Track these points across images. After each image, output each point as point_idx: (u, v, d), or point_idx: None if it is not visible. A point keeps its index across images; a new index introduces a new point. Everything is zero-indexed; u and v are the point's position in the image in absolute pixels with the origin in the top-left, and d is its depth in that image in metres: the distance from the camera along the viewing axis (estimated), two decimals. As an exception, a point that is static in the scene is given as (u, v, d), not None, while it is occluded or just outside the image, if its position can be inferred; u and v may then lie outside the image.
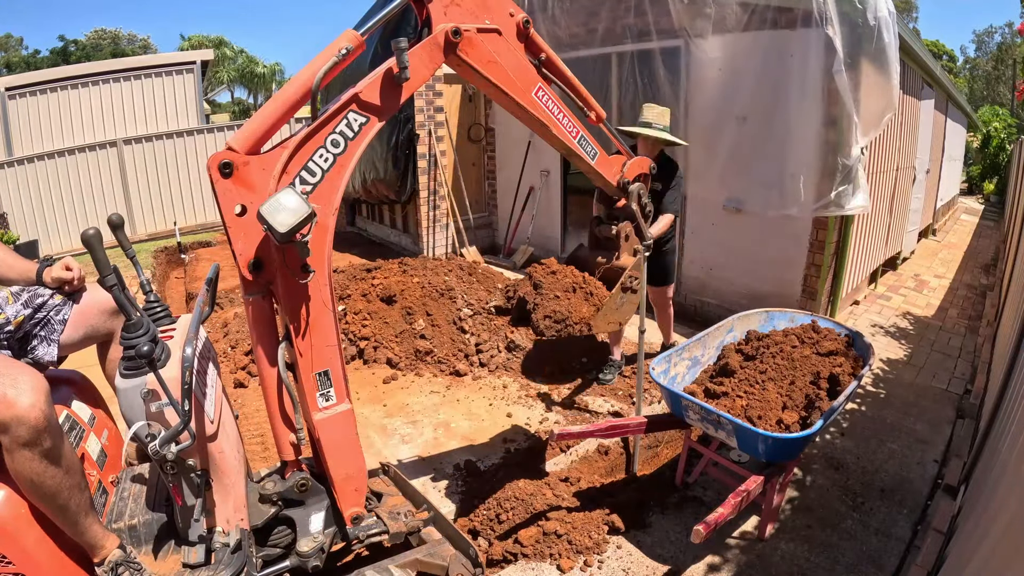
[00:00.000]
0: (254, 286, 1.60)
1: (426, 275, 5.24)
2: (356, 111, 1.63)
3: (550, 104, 2.07)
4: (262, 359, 1.70)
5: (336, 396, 1.74)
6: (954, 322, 5.47)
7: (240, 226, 1.51)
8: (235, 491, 1.72)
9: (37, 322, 1.74)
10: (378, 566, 1.87)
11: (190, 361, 1.41)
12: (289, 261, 1.55)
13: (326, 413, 1.74)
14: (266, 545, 1.87)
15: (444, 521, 2.12)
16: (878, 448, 3.27)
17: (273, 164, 1.52)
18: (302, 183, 1.57)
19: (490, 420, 3.66)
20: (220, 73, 28.72)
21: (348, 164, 1.63)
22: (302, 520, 1.87)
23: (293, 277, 1.56)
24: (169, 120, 10.83)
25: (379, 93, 1.66)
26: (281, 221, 1.36)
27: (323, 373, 1.71)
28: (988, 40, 38.58)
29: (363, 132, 1.65)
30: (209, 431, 1.62)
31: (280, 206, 1.38)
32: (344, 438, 1.79)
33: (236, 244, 1.52)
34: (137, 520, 1.68)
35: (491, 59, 1.87)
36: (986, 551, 1.54)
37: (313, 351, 1.67)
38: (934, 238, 9.55)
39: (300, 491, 1.83)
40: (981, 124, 17.53)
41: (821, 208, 4.26)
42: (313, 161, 1.58)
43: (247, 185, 1.49)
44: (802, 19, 4.11)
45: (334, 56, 1.55)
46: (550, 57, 2.06)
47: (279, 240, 1.40)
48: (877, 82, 3.96)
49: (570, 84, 2.18)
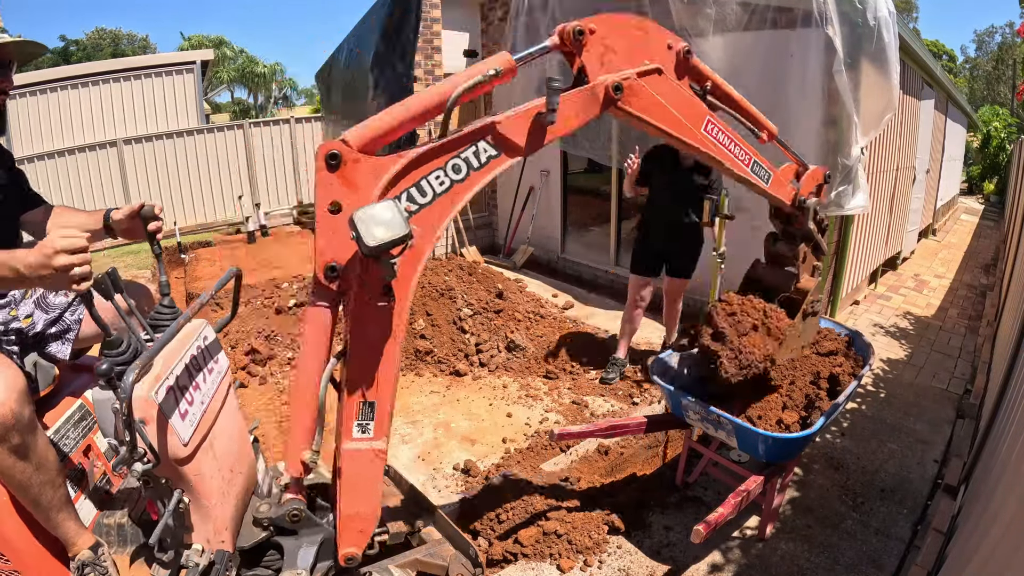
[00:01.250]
0: (325, 292, 1.46)
1: (426, 275, 5.24)
2: (488, 142, 1.50)
3: (720, 136, 1.95)
4: (304, 370, 1.56)
5: (375, 431, 1.60)
6: (954, 322, 5.47)
7: (329, 223, 1.38)
8: (217, 513, 1.62)
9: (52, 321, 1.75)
10: (378, 566, 1.86)
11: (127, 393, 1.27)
12: (370, 278, 1.41)
13: (357, 445, 1.60)
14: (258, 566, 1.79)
15: (444, 521, 2.11)
16: (878, 448, 3.27)
17: (384, 170, 1.39)
18: (408, 200, 1.43)
19: (490, 420, 3.66)
20: (220, 73, 28.72)
21: (464, 195, 1.49)
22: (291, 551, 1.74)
23: (370, 297, 1.43)
24: (169, 120, 10.83)
25: (520, 129, 1.53)
26: (372, 233, 1.24)
27: (369, 404, 1.57)
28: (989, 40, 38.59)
29: (490, 166, 1.51)
30: (180, 454, 1.49)
31: (377, 218, 1.25)
32: (367, 476, 1.65)
33: (319, 241, 1.41)
34: (126, 520, 1.68)
35: (654, 102, 1.74)
36: (986, 551, 1.54)
37: (366, 380, 1.54)
38: (934, 238, 9.55)
39: (292, 521, 1.69)
40: (981, 124, 17.54)
41: (821, 208, 4.26)
42: (427, 180, 1.45)
43: (350, 183, 1.37)
44: (802, 19, 4.11)
45: (480, 75, 1.44)
46: (716, 83, 1.95)
47: (365, 253, 1.29)
48: (877, 82, 3.96)
49: (739, 107, 2.08)
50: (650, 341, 4.91)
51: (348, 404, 1.56)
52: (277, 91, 34.09)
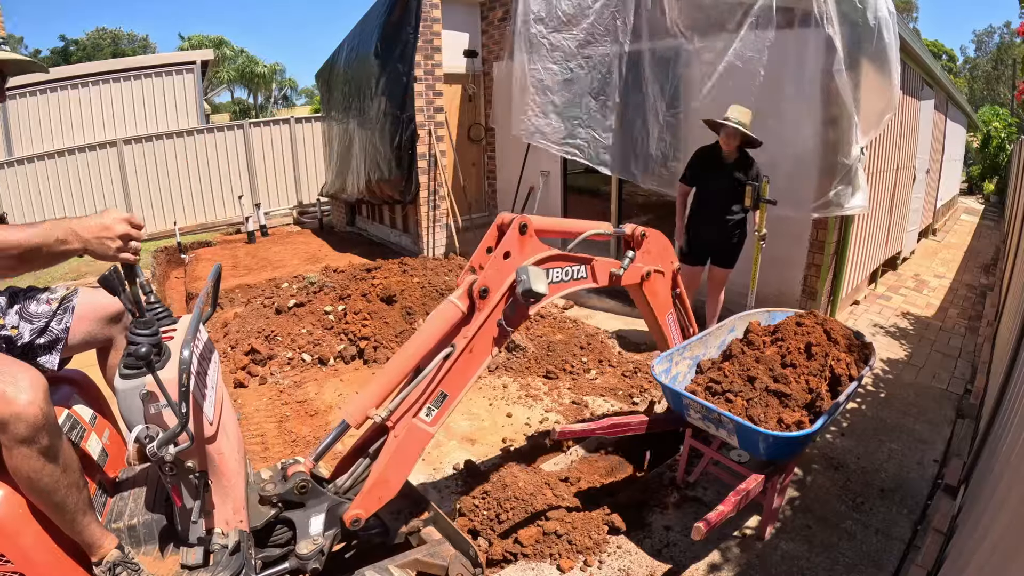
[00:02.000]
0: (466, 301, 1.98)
1: (426, 275, 5.24)
2: (583, 270, 2.34)
3: (672, 325, 2.91)
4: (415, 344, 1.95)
5: (435, 417, 1.94)
6: (954, 322, 5.47)
7: (499, 263, 2.01)
8: (234, 493, 1.71)
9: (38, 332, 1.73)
10: (378, 566, 1.86)
11: (187, 363, 1.40)
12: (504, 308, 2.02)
13: (418, 423, 1.90)
14: (266, 546, 1.86)
15: (444, 521, 2.11)
16: (878, 448, 3.27)
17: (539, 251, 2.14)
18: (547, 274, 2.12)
19: (490, 420, 3.66)
20: (220, 73, 28.72)
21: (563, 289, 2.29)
22: (302, 522, 1.86)
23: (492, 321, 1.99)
24: (169, 120, 10.84)
25: (602, 274, 2.43)
26: (539, 283, 1.92)
27: (443, 395, 1.93)
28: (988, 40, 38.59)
29: (577, 282, 2.33)
30: (208, 433, 1.61)
31: (540, 276, 1.96)
32: (412, 452, 1.93)
33: (488, 271, 1.98)
34: (136, 520, 1.68)
35: (655, 290, 2.73)
36: (986, 551, 1.54)
37: (454, 375, 1.95)
38: (934, 238, 9.55)
39: (300, 492, 1.80)
40: (981, 124, 17.54)
41: (821, 208, 4.26)
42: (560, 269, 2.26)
43: (523, 247, 2.08)
44: (802, 19, 4.11)
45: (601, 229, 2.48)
46: (682, 293, 2.89)
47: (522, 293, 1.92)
48: (877, 82, 3.97)
49: (686, 311, 2.97)
50: (650, 341, 4.91)
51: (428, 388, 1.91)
52: (277, 91, 34.10)
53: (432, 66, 6.88)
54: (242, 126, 11.04)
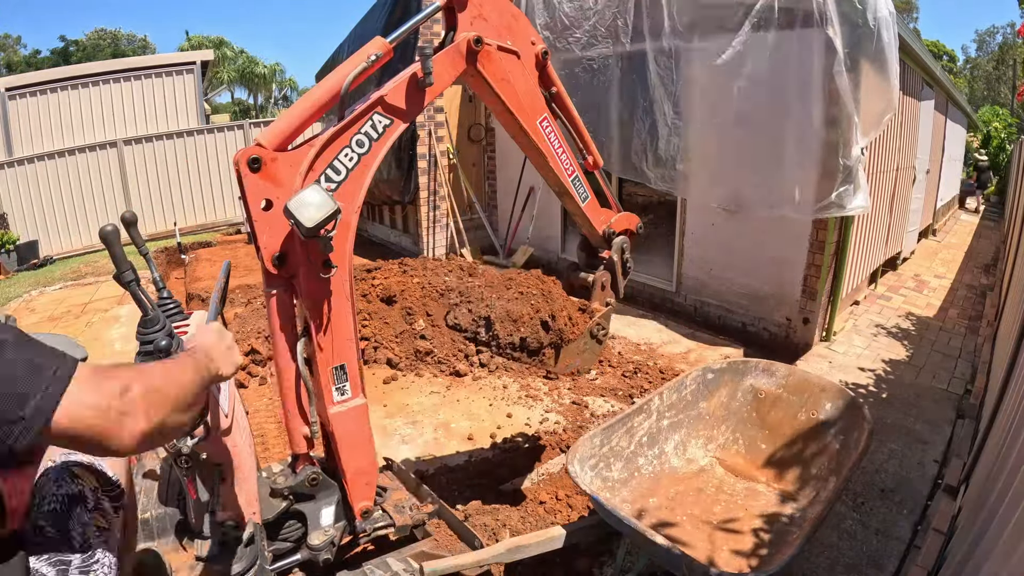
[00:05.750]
0: (276, 280, 1.64)
1: (426, 275, 5.24)
2: (381, 113, 1.70)
3: (552, 136, 2.13)
4: (280, 353, 1.73)
5: (351, 390, 1.79)
6: (954, 322, 5.47)
7: (265, 220, 1.56)
8: (247, 485, 1.73)
9: None
10: (385, 559, 1.89)
11: None
12: (312, 256, 1.59)
13: (341, 407, 1.78)
14: (277, 539, 1.89)
15: (449, 514, 2.13)
16: (878, 448, 3.27)
17: (300, 161, 1.57)
18: (327, 181, 1.62)
19: (490, 420, 3.66)
20: (220, 73, 28.72)
21: (372, 164, 1.71)
22: (313, 514, 1.88)
23: (315, 272, 1.61)
24: (169, 120, 10.83)
25: (404, 96, 1.74)
26: (308, 216, 1.41)
27: (340, 367, 1.75)
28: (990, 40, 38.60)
29: (387, 133, 1.73)
30: (224, 425, 1.63)
31: (307, 202, 1.43)
32: (358, 432, 1.83)
33: (261, 238, 1.57)
34: (150, 514, 1.70)
35: (505, 78, 1.95)
36: (986, 551, 1.54)
37: (332, 345, 1.72)
38: (934, 238, 9.55)
39: (311, 485, 1.84)
40: (981, 124, 17.53)
41: (821, 208, 4.26)
42: (339, 160, 1.64)
43: (274, 180, 1.55)
44: (802, 19, 4.11)
45: (363, 62, 1.62)
46: (560, 93, 2.13)
47: (305, 235, 1.45)
48: (877, 82, 3.96)
49: (575, 124, 2.23)
50: (650, 341, 4.91)
51: (322, 373, 1.73)
52: (277, 91, 34.10)
53: (432, 66, 6.88)
54: (242, 126, 11.04)
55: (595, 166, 2.33)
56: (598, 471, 2.25)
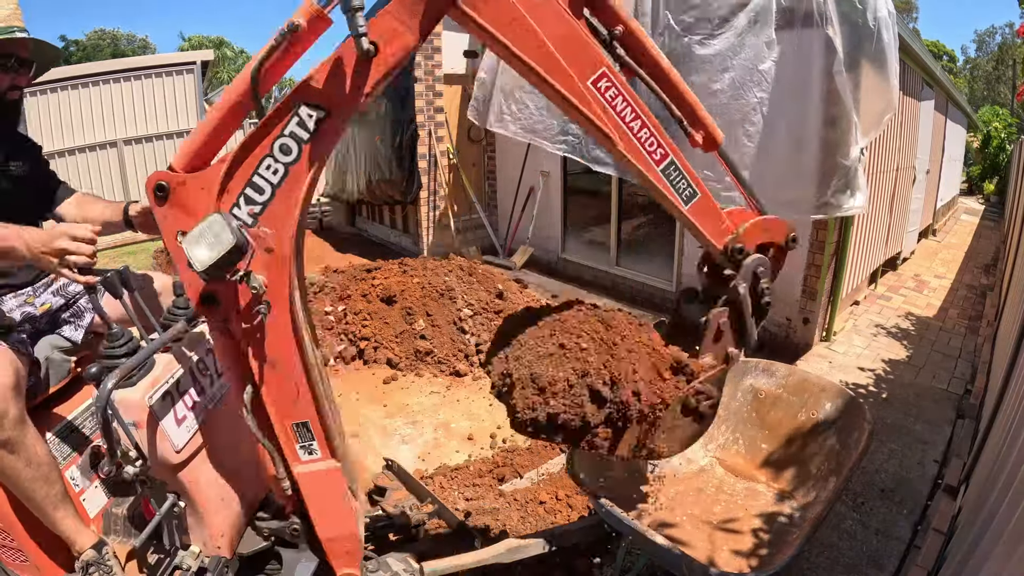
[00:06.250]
0: (212, 322, 1.34)
1: (426, 275, 5.24)
2: (308, 104, 1.23)
3: (618, 103, 1.36)
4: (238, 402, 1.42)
5: (320, 451, 1.47)
6: (954, 322, 5.47)
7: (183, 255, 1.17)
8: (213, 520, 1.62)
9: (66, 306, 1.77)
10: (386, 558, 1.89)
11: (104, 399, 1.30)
12: (240, 296, 1.26)
13: (308, 468, 1.47)
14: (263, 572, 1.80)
15: (449, 514, 2.13)
16: (878, 448, 3.27)
17: (212, 182, 1.23)
18: (248, 203, 1.26)
19: (490, 420, 3.65)
20: (220, 73, 28.72)
21: (305, 174, 1.25)
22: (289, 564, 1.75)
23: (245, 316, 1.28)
24: (169, 120, 10.83)
25: (338, 76, 1.21)
26: (199, 258, 1.11)
27: (300, 424, 1.43)
28: (989, 40, 38.61)
29: (324, 131, 1.24)
30: (173, 460, 1.50)
31: (202, 237, 1.12)
32: (330, 498, 1.53)
33: (183, 275, 1.27)
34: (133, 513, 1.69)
35: (515, 18, 1.21)
36: (986, 551, 1.54)
37: (285, 401, 1.39)
38: (934, 238, 9.55)
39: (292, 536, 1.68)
40: (981, 124, 17.53)
41: (821, 208, 4.26)
42: (259, 175, 1.25)
43: (185, 209, 1.23)
44: (802, 19, 4.11)
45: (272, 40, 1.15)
46: (634, 33, 1.35)
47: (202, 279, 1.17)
48: (877, 82, 3.96)
49: (667, 82, 1.45)
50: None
51: (281, 430, 1.42)
52: (277, 91, 34.03)
53: (432, 66, 6.88)
54: (242, 127, 11.03)
55: (709, 145, 1.61)
56: (599, 471, 2.25)
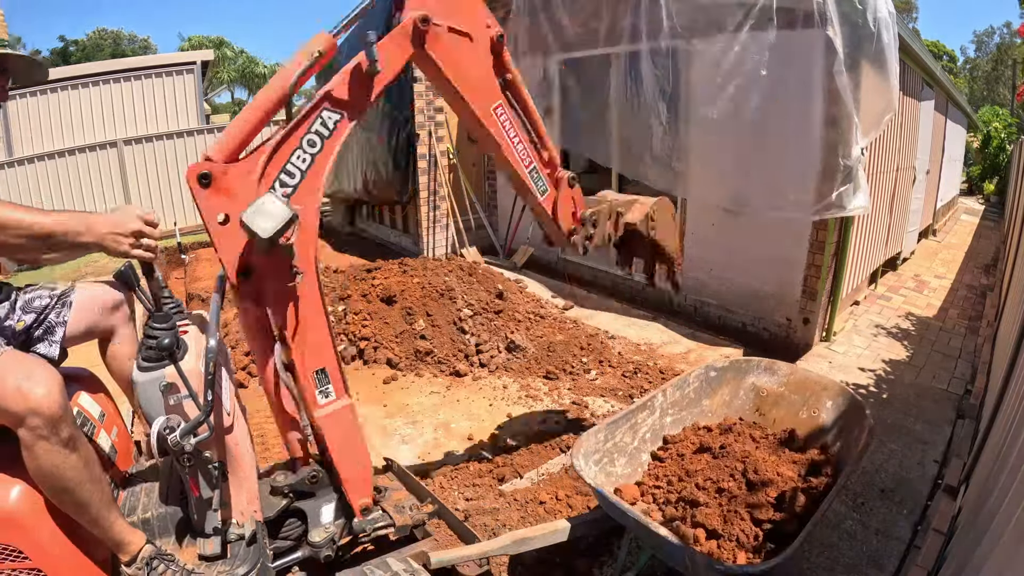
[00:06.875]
0: (245, 293, 1.61)
1: (426, 275, 5.24)
2: (329, 109, 1.64)
3: (507, 125, 2.05)
4: (261, 364, 1.74)
5: (335, 392, 1.78)
6: (954, 322, 5.47)
7: (224, 235, 1.51)
8: (249, 483, 1.74)
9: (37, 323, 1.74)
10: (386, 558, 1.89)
11: (214, 352, 1.42)
12: (277, 265, 1.56)
13: (327, 410, 1.77)
14: (277, 537, 1.89)
15: (449, 514, 2.14)
16: (878, 448, 3.27)
17: (252, 170, 1.52)
18: (282, 186, 1.58)
19: (490, 421, 3.66)
20: (220, 73, 28.75)
21: (326, 162, 1.64)
22: (313, 511, 1.90)
23: (282, 280, 1.58)
24: (169, 120, 10.84)
25: (352, 88, 1.66)
26: (263, 227, 1.38)
27: (320, 371, 1.74)
28: (988, 40, 38.62)
29: (339, 129, 1.65)
30: (226, 423, 1.64)
31: (261, 212, 1.40)
32: (347, 432, 1.82)
33: (222, 253, 1.53)
34: (151, 513, 1.69)
35: (456, 59, 1.85)
36: (986, 551, 1.54)
37: (308, 351, 1.70)
38: (934, 238, 9.55)
39: (311, 483, 1.86)
40: (981, 124, 17.53)
41: (821, 209, 4.26)
42: (291, 163, 1.59)
43: (228, 193, 1.49)
44: (802, 19, 4.11)
45: (306, 60, 1.56)
46: (515, 80, 2.02)
47: (263, 246, 1.42)
48: (877, 83, 3.96)
49: (529, 115, 2.12)
50: (650, 341, 4.91)
51: (303, 379, 1.72)
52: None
53: (432, 66, 6.89)
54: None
55: (550, 164, 2.24)
56: (602, 466, 2.26)
